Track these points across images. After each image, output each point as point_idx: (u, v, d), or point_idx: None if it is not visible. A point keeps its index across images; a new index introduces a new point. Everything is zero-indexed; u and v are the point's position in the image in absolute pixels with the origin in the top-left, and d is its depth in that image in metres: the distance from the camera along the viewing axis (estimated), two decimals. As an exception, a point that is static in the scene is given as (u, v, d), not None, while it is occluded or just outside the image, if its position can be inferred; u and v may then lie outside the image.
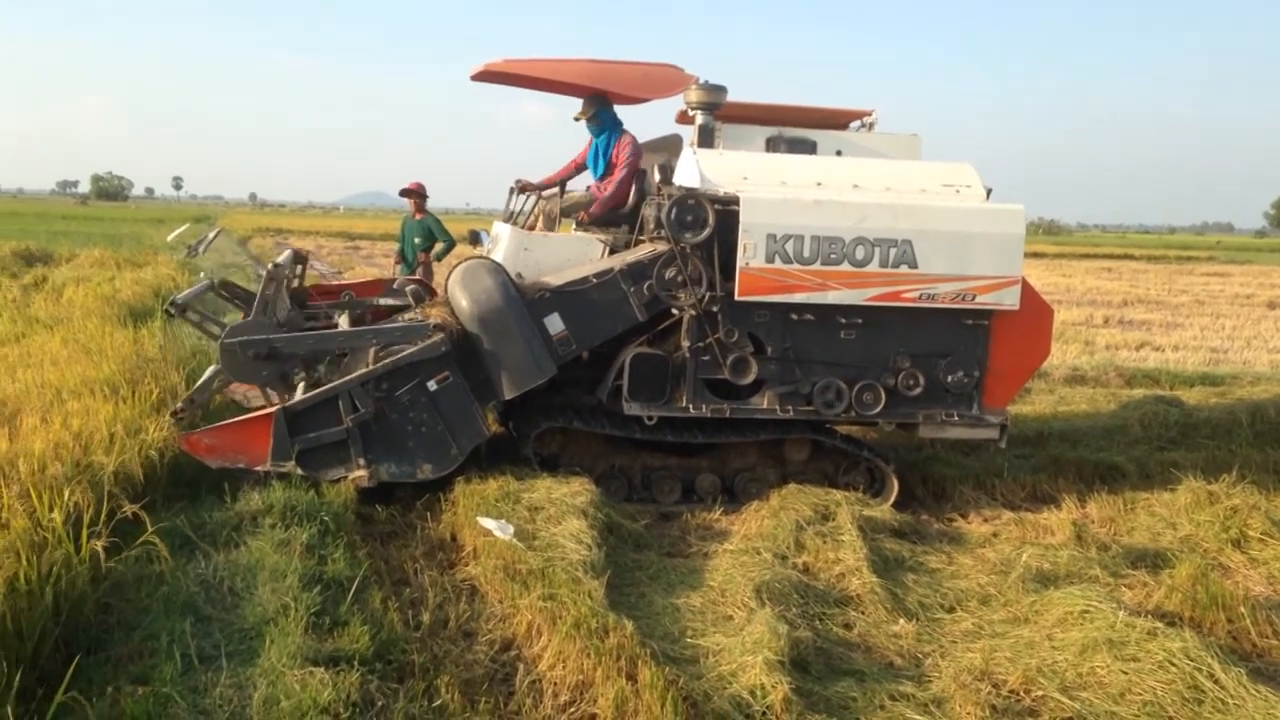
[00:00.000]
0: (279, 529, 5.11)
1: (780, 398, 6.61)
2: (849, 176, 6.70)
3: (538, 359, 6.34)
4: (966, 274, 6.44)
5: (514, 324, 6.33)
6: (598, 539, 5.39)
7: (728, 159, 6.78)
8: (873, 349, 6.62)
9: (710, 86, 7.09)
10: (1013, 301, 6.53)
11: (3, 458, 4.96)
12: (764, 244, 6.27)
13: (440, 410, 6.20)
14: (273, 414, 5.96)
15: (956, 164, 6.95)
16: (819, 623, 4.84)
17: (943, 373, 6.67)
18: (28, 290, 14.56)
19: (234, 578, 4.52)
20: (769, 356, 6.57)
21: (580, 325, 6.51)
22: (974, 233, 6.45)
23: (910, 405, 6.72)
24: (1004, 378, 6.82)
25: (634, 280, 6.50)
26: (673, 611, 4.89)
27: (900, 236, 6.35)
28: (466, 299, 6.41)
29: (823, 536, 5.81)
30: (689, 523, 6.44)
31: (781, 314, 6.50)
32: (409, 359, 6.14)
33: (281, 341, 6.28)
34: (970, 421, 6.78)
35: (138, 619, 4.12)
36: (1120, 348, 15.19)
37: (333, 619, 4.21)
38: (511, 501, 5.87)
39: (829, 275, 6.34)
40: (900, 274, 6.39)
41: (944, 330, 6.63)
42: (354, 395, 6.02)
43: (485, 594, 5.03)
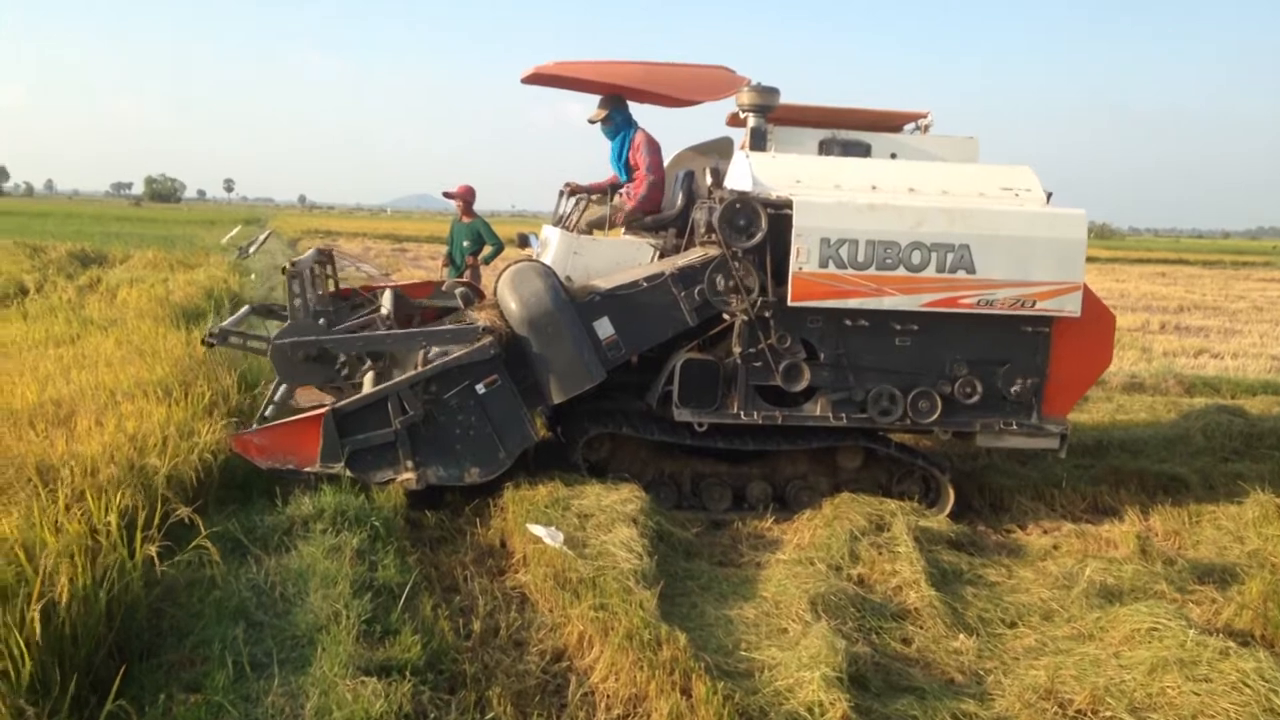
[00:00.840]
0: (330, 534, 5.09)
1: (833, 405, 6.49)
2: (904, 180, 6.57)
3: (587, 363, 6.29)
4: (1026, 280, 6.28)
5: (564, 327, 6.28)
6: (649, 547, 5.31)
7: (780, 162, 6.68)
8: (929, 356, 6.49)
9: (763, 88, 6.98)
10: (1074, 308, 6.37)
11: (58, 459, 4.97)
12: (817, 248, 6.16)
13: (488, 413, 6.16)
14: (322, 415, 5.95)
15: (1015, 167, 6.80)
16: (876, 637, 4.73)
17: (1001, 380, 6.52)
18: (83, 291, 14.75)
19: (285, 583, 4.49)
20: (822, 363, 6.46)
21: (630, 329, 6.44)
22: (1034, 237, 6.29)
23: (967, 413, 6.57)
24: (1064, 386, 6.65)
25: (685, 284, 6.42)
26: (726, 623, 4.80)
27: (958, 241, 6.21)
28: (516, 301, 6.37)
29: (878, 548, 5.69)
30: (740, 531, 6.35)
31: (835, 320, 6.39)
32: (458, 361, 6.10)
33: (331, 342, 6.29)
34: (1029, 430, 6.62)
35: (190, 624, 4.10)
36: (1178, 354, 14.88)
37: (384, 627, 4.17)
38: (561, 508, 5.80)
39: (884, 280, 6.22)
40: (958, 279, 6.25)
41: (1003, 337, 6.48)
42: (403, 397, 5.99)
43: (536, 602, 4.98)
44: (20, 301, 13.88)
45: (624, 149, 7.52)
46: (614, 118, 7.54)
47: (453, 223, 10.65)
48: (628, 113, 7.59)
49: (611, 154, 7.64)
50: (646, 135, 7.47)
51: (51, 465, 4.90)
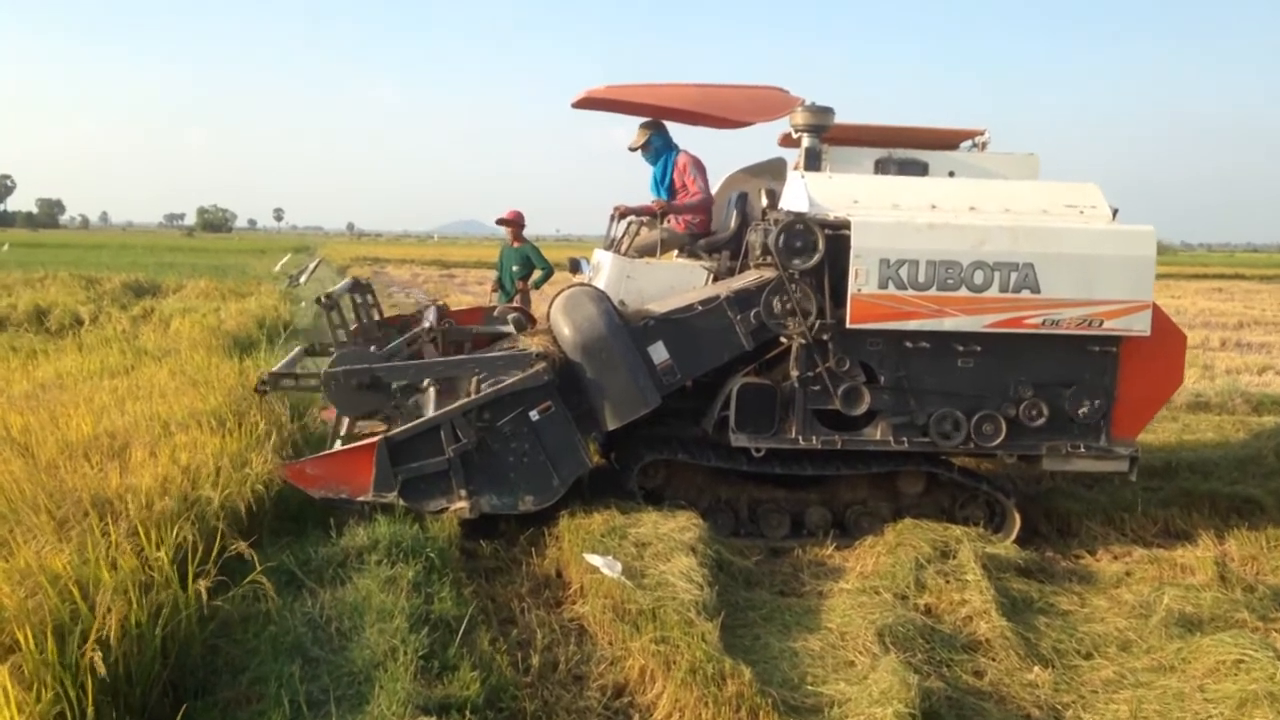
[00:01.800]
0: (385, 565, 5.00)
1: (894, 429, 6.33)
2: (965, 198, 6.43)
3: (642, 389, 6.19)
4: (1093, 298, 6.10)
5: (618, 353, 6.19)
6: (709, 577, 5.18)
7: (837, 182, 6.56)
8: (992, 378, 6.31)
9: (817, 108, 6.87)
10: (1143, 327, 6.17)
11: (112, 493, 4.94)
12: (876, 269, 6.02)
13: (542, 441, 6.08)
14: (375, 444, 5.90)
15: (1079, 184, 6.63)
16: (947, 670, 4.56)
17: (1068, 402, 6.32)
18: (136, 321, 14.92)
19: (341, 617, 4.41)
20: (882, 386, 6.30)
21: (685, 354, 6.34)
22: (1101, 255, 6.11)
23: (1033, 437, 6.38)
24: (1134, 407, 6.44)
25: (741, 308, 6.31)
26: (791, 656, 4.66)
27: (1021, 260, 6.05)
28: (569, 327, 6.29)
29: (945, 576, 5.52)
30: (801, 559, 6.20)
31: (895, 342, 6.24)
32: (511, 388, 6.03)
33: (384, 369, 6.24)
34: (1097, 453, 6.41)
35: (245, 660, 4.02)
36: (1241, 372, 14.48)
37: (441, 662, 4.07)
38: (618, 537, 5.69)
39: (945, 301, 6.06)
40: (1022, 299, 6.08)
41: (1069, 358, 6.29)
42: (456, 425, 5.92)
43: (594, 635, 4.87)
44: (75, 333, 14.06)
45: (666, 173, 7.44)
46: (654, 143, 7.48)
47: (502, 247, 10.62)
48: (668, 136, 7.53)
49: (653, 179, 7.57)
50: (692, 157, 7.39)
51: (106, 499, 4.87)
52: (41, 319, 15.55)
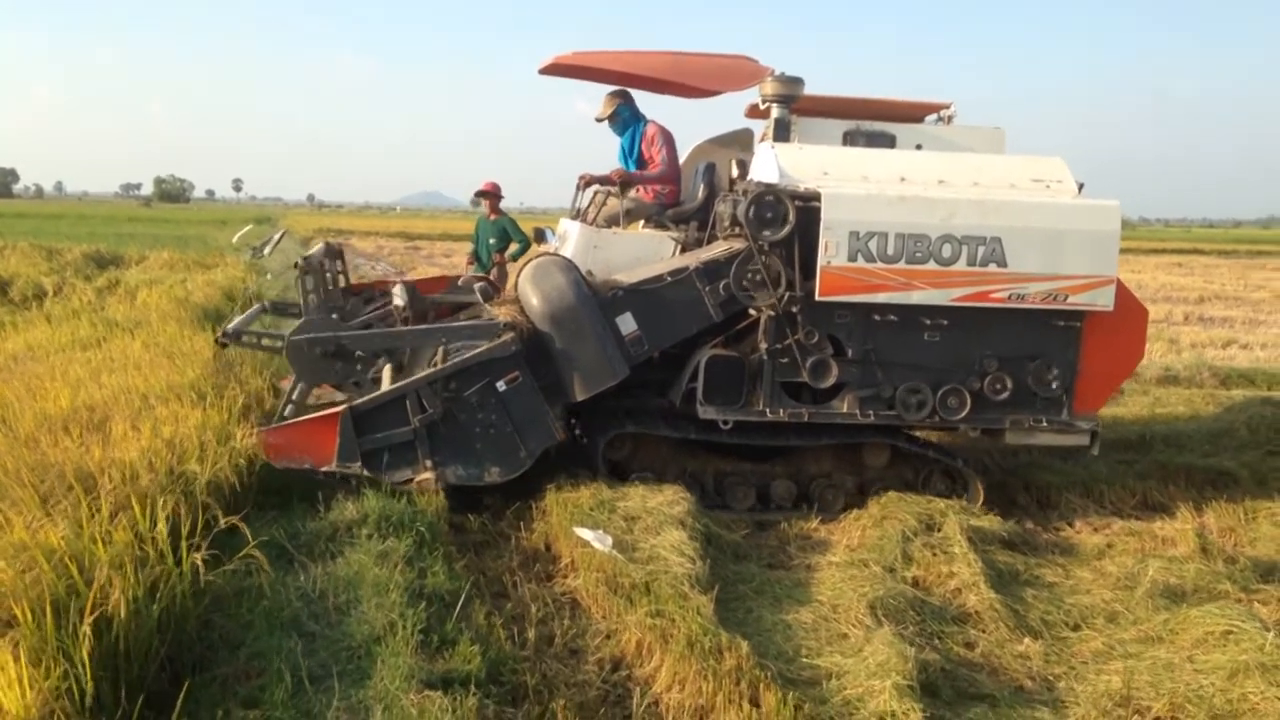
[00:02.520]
0: (375, 540, 4.96)
1: (861, 401, 6.35)
2: (934, 171, 6.43)
3: (611, 360, 6.15)
4: (1059, 273, 6.14)
5: (586, 323, 6.14)
6: (700, 550, 5.19)
7: (807, 153, 6.52)
8: (958, 351, 6.35)
9: (787, 78, 6.83)
10: (1106, 302, 6.23)
11: (95, 466, 4.87)
12: (846, 242, 6.01)
13: (510, 411, 6.02)
14: (339, 413, 5.80)
15: (1046, 158, 6.66)
16: (939, 642, 4.60)
17: (1032, 376, 6.38)
18: (102, 293, 14.68)
19: (335, 592, 4.37)
20: (850, 359, 6.32)
21: (653, 325, 6.30)
22: (1067, 230, 6.15)
23: (997, 410, 6.44)
24: (1096, 382, 6.52)
25: (710, 279, 6.28)
26: (784, 629, 4.68)
27: (989, 234, 6.07)
28: (538, 297, 6.22)
29: (931, 548, 5.56)
30: (787, 533, 6.21)
31: (863, 315, 6.25)
32: (478, 358, 5.95)
33: (349, 338, 6.15)
34: (1060, 427, 6.49)
35: (240, 635, 3.98)
36: (1206, 346, 14.72)
37: (440, 636, 4.05)
38: (606, 511, 5.68)
39: (914, 274, 6.08)
40: (989, 273, 6.11)
41: (1034, 332, 6.35)
42: (421, 395, 5.85)
43: (588, 608, 4.87)
44: (39, 304, 13.83)
45: (634, 143, 7.37)
46: (621, 113, 7.39)
47: (479, 220, 10.51)
48: (635, 107, 7.45)
49: (620, 149, 7.49)
50: (660, 127, 7.32)
51: (90, 473, 4.80)
52: (4, 290, 15.26)
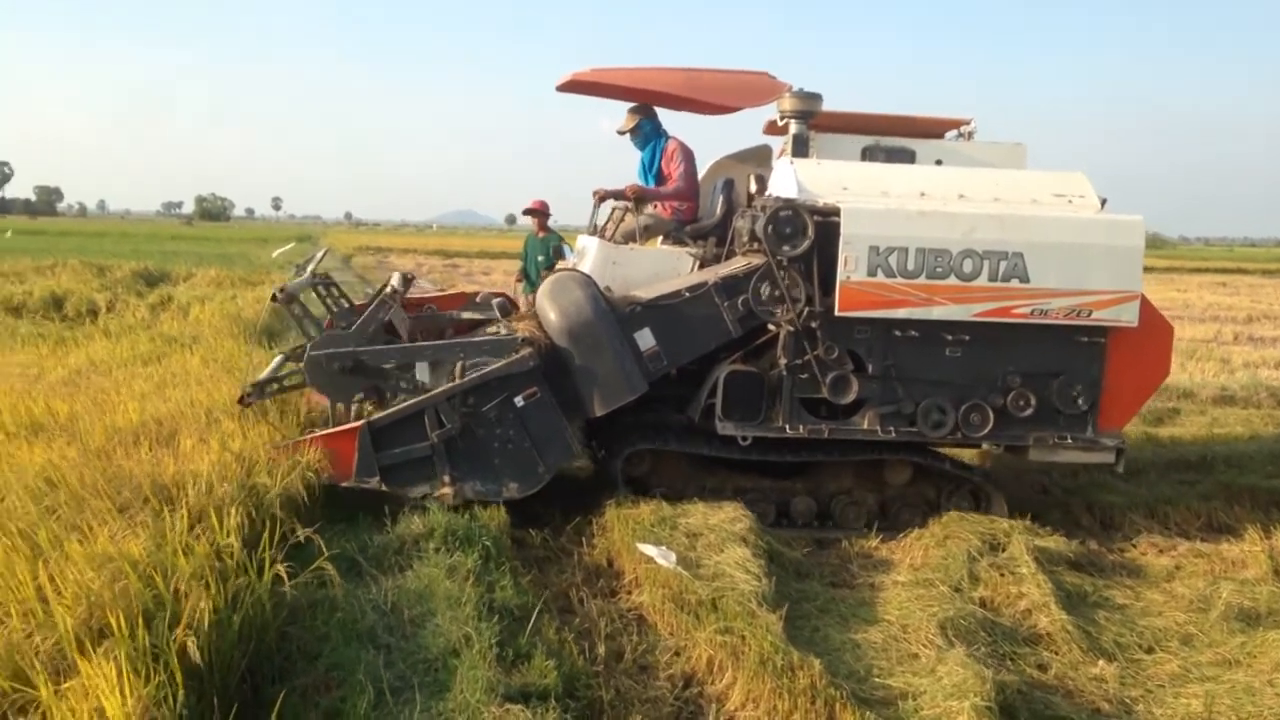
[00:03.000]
0: (443, 554, 4.99)
1: (882, 418, 6.31)
2: (954, 187, 6.40)
3: (628, 375, 6.14)
4: (1082, 289, 6.09)
5: (604, 338, 6.13)
6: (764, 568, 5.17)
7: (826, 168, 6.51)
8: (981, 367, 6.31)
9: (805, 94, 6.85)
10: (1131, 318, 6.17)
11: (169, 479, 4.92)
12: (866, 256, 5.99)
13: (527, 427, 6.02)
14: (358, 429, 5.83)
15: (1068, 173, 6.63)
16: (1011, 663, 4.56)
17: (1055, 393, 6.32)
18: (155, 309, 14.89)
19: (408, 604, 4.39)
20: (870, 375, 6.28)
21: (672, 341, 6.29)
22: (1090, 245, 6.11)
23: (1020, 427, 6.37)
24: (1121, 399, 6.46)
25: (728, 295, 6.27)
26: (853, 648, 4.65)
27: (1011, 249, 6.04)
28: (556, 312, 6.22)
29: (998, 569, 5.51)
30: (849, 551, 6.19)
31: (884, 330, 6.22)
32: (496, 374, 5.96)
33: (367, 354, 6.14)
34: (1085, 444, 6.41)
35: (317, 647, 4.01)
36: (1259, 366, 14.49)
37: (514, 650, 4.06)
38: (668, 527, 5.68)
39: (935, 290, 6.04)
40: (1011, 288, 6.07)
41: (1057, 348, 6.30)
42: (440, 410, 5.87)
43: (655, 625, 4.87)
44: (93, 319, 14.05)
45: (655, 159, 7.37)
46: (643, 127, 7.40)
47: (528, 237, 10.57)
48: (657, 122, 7.46)
49: (640, 164, 7.49)
50: (680, 143, 7.33)
51: (164, 485, 4.85)
52: (57, 305, 15.50)
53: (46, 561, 3.73)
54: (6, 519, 4.19)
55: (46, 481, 4.77)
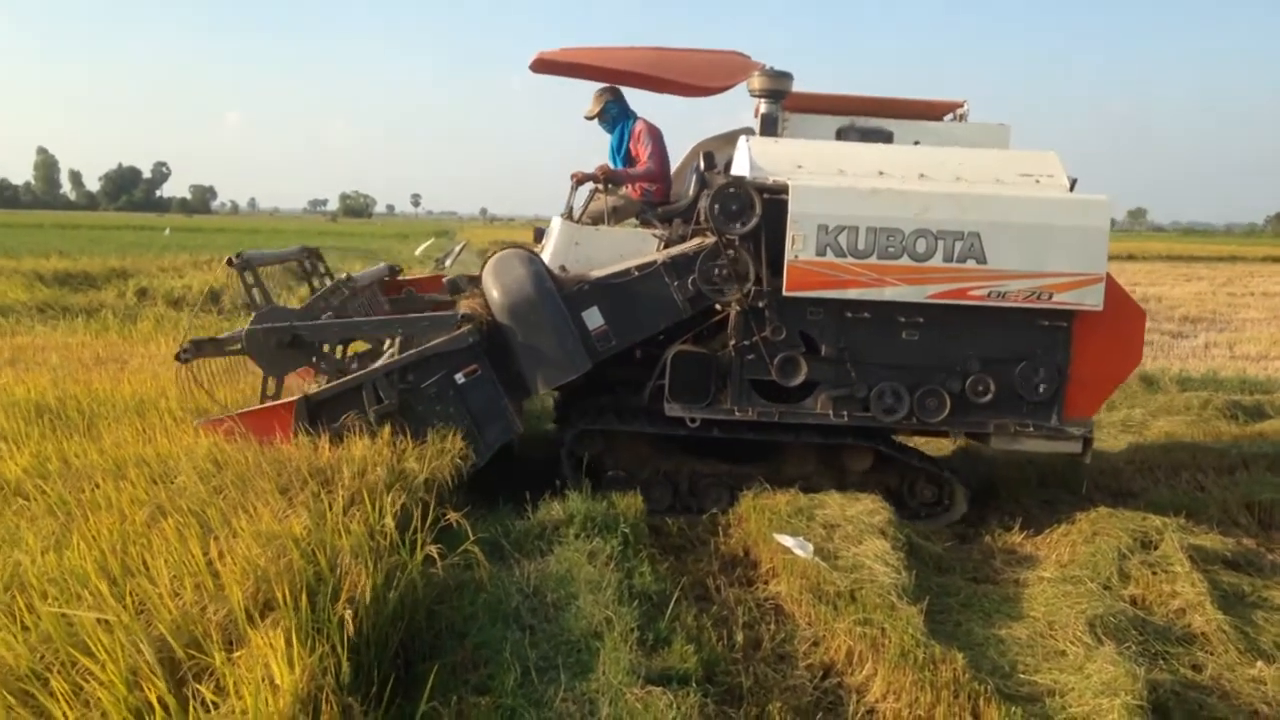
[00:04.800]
0: (583, 539, 5.11)
1: (834, 401, 6.17)
2: (916, 165, 6.18)
3: (571, 353, 6.09)
4: (1042, 270, 5.85)
5: (546, 315, 6.08)
6: (904, 561, 5.12)
7: (782, 146, 6.35)
8: (937, 351, 6.11)
9: (775, 73, 6.69)
10: (1095, 301, 5.90)
11: (325, 464, 5.15)
12: (814, 235, 5.83)
13: (468, 403, 6.00)
14: (293, 403, 5.88)
15: (1039, 153, 6.35)
16: (1163, 663, 4.41)
17: (1017, 379, 6.10)
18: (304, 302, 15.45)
19: (550, 588, 4.50)
20: (823, 357, 6.13)
21: (621, 320, 6.21)
22: (1050, 225, 5.85)
23: (979, 413, 6.17)
24: (1088, 386, 6.19)
25: (678, 274, 6.17)
26: (997, 643, 4.57)
27: (967, 229, 5.82)
28: (498, 289, 6.21)
29: (1150, 567, 5.32)
30: (991, 546, 6.07)
31: (836, 311, 6.06)
32: (434, 350, 5.97)
33: (306, 329, 6.19)
34: (1049, 433, 6.19)
35: (464, 626, 4.14)
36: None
37: (654, 635, 4.14)
38: (804, 518, 5.68)
39: (886, 270, 5.86)
40: (967, 269, 5.86)
41: (1018, 332, 6.07)
42: (378, 385, 5.90)
43: (792, 614, 4.87)
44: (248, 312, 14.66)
45: (623, 141, 7.28)
46: (610, 110, 7.30)
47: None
48: (625, 104, 7.35)
49: (610, 147, 7.40)
50: (647, 124, 7.21)
51: (321, 468, 5.08)
52: (215, 299, 16.27)
53: (216, 538, 3.95)
54: (179, 498, 4.45)
55: (214, 463, 5.04)
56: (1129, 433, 8.93)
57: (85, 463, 5.14)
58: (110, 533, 3.99)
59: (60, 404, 6.48)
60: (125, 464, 5.03)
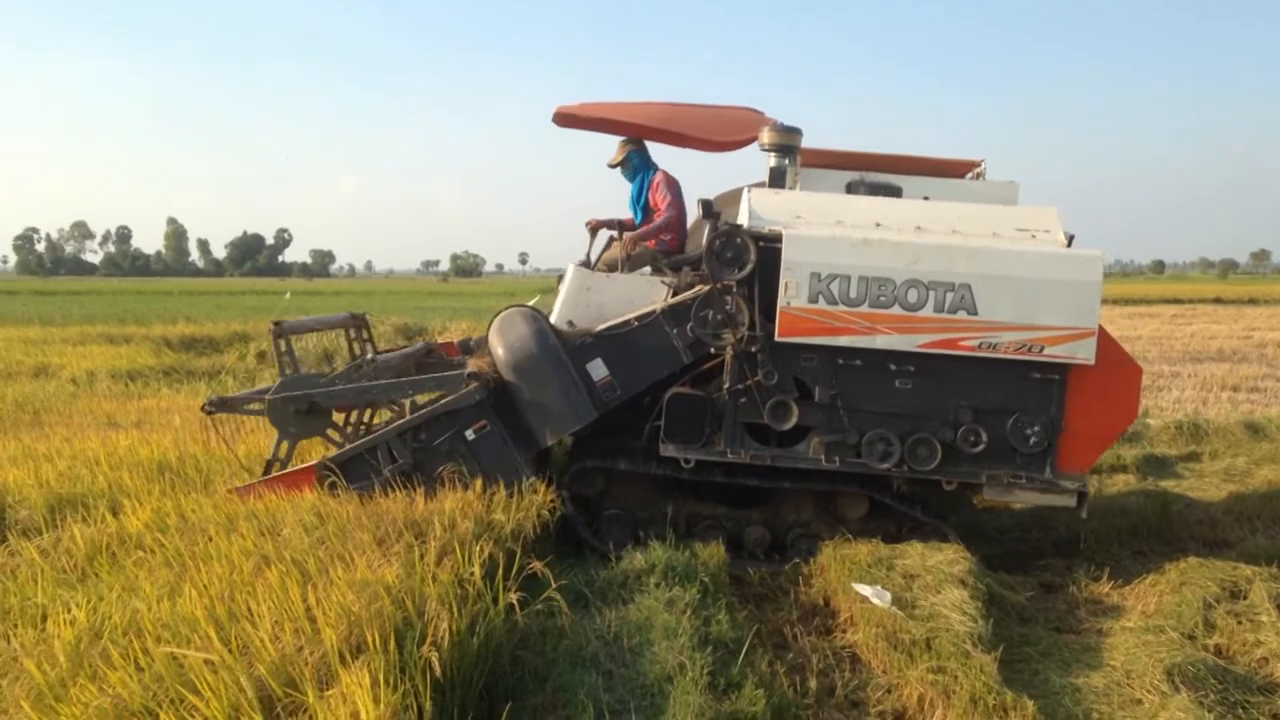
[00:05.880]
0: (663, 588, 5.26)
1: (826, 447, 6.19)
2: (914, 219, 6.25)
3: (575, 405, 6.26)
4: (1034, 323, 5.87)
5: (549, 371, 6.26)
6: (981, 610, 5.16)
7: (782, 197, 6.48)
8: (929, 400, 6.13)
9: (784, 128, 6.85)
10: (1086, 355, 5.90)
11: (419, 516, 5.45)
12: (807, 283, 5.92)
13: (479, 459, 6.20)
14: (313, 467, 6.14)
15: (1039, 208, 6.39)
16: (1242, 711, 4.38)
17: (1010, 430, 6.09)
18: (413, 362, 16.04)
19: (628, 634, 4.68)
20: (816, 403, 6.18)
21: (624, 369, 6.36)
22: (1042, 279, 5.87)
23: (972, 463, 6.16)
24: (1082, 440, 6.15)
25: (676, 322, 6.31)
26: (1073, 692, 4.59)
27: (958, 280, 5.86)
28: (503, 347, 6.39)
29: (1236, 616, 5.27)
30: (1077, 596, 6.05)
31: (828, 358, 6.12)
32: (444, 408, 6.19)
33: (320, 395, 6.45)
34: (1042, 486, 6.15)
35: (546, 670, 4.35)
36: None
37: (726, 680, 4.27)
38: (884, 568, 5.75)
39: (877, 319, 5.92)
40: (958, 320, 5.89)
41: (1011, 384, 6.07)
42: (391, 446, 6.15)
43: (868, 662, 4.96)
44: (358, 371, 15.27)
45: (643, 190, 7.42)
46: (632, 159, 7.47)
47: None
48: (647, 155, 7.51)
49: (630, 196, 7.55)
50: (666, 175, 7.36)
51: (415, 520, 5.37)
52: (329, 359, 16.99)
53: (314, 586, 4.26)
54: (284, 549, 4.78)
55: (317, 516, 5.39)
56: (1231, 482, 8.75)
57: (200, 517, 5.55)
58: (220, 581, 4.34)
59: (180, 462, 6.95)
60: (236, 518, 5.43)
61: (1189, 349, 22.30)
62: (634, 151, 7.55)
